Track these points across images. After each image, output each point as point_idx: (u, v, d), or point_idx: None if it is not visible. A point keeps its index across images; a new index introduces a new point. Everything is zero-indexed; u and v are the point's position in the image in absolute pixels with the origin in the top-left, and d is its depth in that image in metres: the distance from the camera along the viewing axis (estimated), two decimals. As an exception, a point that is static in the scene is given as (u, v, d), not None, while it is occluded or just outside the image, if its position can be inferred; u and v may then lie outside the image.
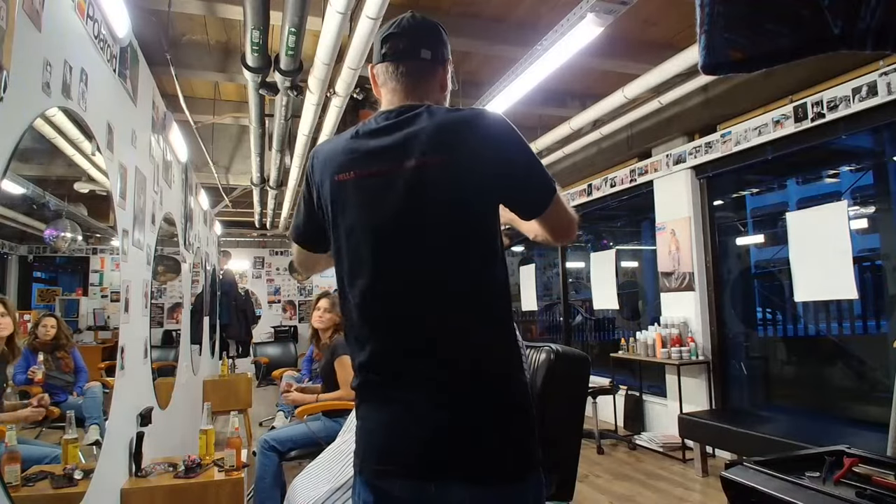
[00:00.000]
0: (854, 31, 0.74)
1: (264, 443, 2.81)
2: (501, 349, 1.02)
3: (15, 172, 1.37)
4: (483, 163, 1.00)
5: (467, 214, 1.01)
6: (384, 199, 1.02)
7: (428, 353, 0.99)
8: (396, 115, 1.07)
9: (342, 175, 1.05)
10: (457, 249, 1.01)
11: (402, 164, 1.01)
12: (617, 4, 2.25)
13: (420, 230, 1.01)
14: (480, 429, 0.97)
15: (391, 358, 1.02)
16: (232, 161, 5.59)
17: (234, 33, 3.54)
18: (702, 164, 4.51)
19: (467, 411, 0.97)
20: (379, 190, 1.03)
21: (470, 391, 0.98)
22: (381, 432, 1.00)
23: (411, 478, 0.98)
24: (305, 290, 10.77)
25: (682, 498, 3.55)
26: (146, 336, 2.66)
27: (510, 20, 3.43)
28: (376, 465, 1.00)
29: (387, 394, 1.01)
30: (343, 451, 1.58)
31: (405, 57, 1.10)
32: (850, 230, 3.38)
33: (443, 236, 1.01)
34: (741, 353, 4.69)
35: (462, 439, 0.97)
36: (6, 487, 1.32)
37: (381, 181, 1.03)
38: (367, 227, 1.03)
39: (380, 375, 1.02)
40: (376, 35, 1.16)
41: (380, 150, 1.04)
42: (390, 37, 1.10)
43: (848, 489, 1.47)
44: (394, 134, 1.05)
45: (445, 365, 0.99)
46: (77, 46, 1.70)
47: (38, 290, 2.29)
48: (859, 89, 3.28)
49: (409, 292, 1.01)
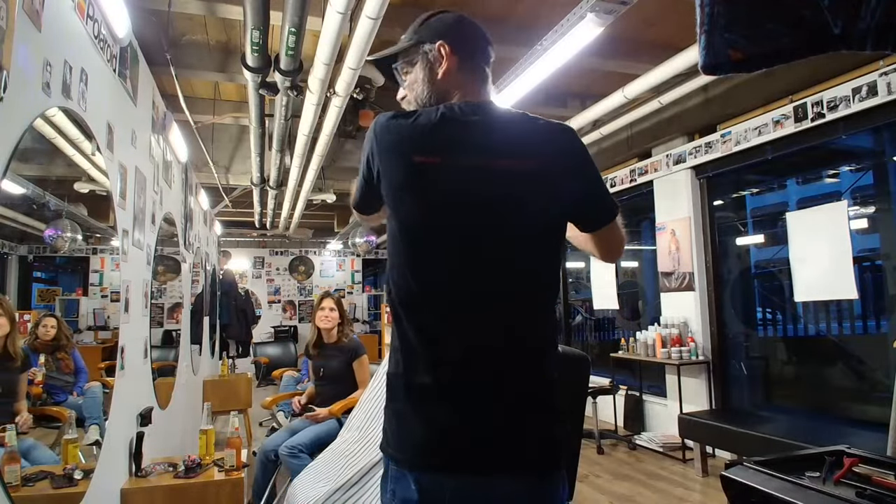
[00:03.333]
0: (854, 31, 0.74)
1: (292, 448, 2.75)
2: (555, 353, 1.08)
3: (15, 172, 1.37)
4: (569, 172, 1.07)
5: (550, 218, 1.06)
6: (473, 193, 1.02)
7: (500, 351, 1.01)
8: (483, 111, 1.09)
9: (423, 157, 1.03)
10: (540, 252, 1.06)
11: (494, 161, 1.03)
12: (617, 4, 2.25)
13: (507, 229, 1.03)
14: (535, 425, 1.01)
15: (464, 352, 1.01)
16: (232, 161, 5.59)
17: (234, 33, 3.54)
18: (702, 164, 4.51)
19: (524, 409, 1.01)
20: (468, 183, 1.03)
21: (529, 391, 1.02)
22: (433, 427, 1.00)
23: (462, 472, 0.98)
24: (305, 290, 10.78)
25: (682, 498, 3.55)
26: (146, 336, 2.66)
27: (510, 20, 3.43)
28: (425, 459, 0.99)
29: (445, 388, 1.00)
30: (342, 452, 1.58)
31: (490, 62, 1.20)
32: (850, 230, 3.38)
33: (529, 236, 1.05)
34: (741, 353, 4.69)
35: (516, 435, 1.00)
36: (6, 487, 1.32)
37: (471, 174, 1.03)
38: (453, 219, 1.03)
39: (445, 369, 1.01)
40: (469, 24, 1.19)
41: (471, 142, 1.05)
42: (488, 39, 1.18)
43: (848, 489, 1.47)
44: (484, 129, 1.07)
45: (512, 363, 1.01)
46: (77, 46, 1.70)
47: (38, 290, 2.29)
48: (859, 89, 3.27)
49: (490, 290, 1.02)
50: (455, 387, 1.00)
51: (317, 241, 10.63)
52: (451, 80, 1.13)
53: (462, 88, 1.13)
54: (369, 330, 10.78)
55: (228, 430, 2.66)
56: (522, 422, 1.00)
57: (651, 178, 4.99)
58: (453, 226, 1.03)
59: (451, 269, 1.02)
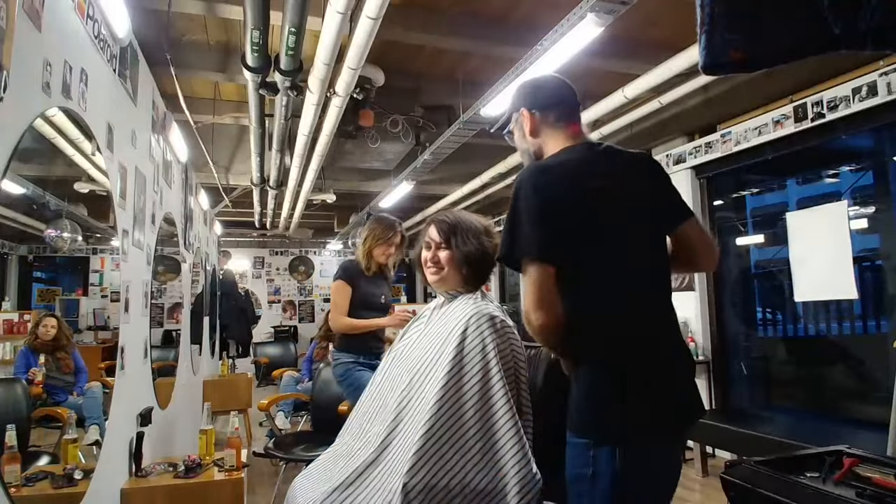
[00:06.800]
0: (854, 31, 0.74)
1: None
2: None
3: (15, 172, 1.37)
4: (669, 190, 1.43)
5: (665, 228, 1.41)
6: (628, 212, 1.32)
7: (672, 343, 1.36)
8: (598, 146, 1.42)
9: (597, 184, 1.30)
10: (666, 258, 1.42)
11: (629, 186, 1.34)
12: (617, 4, 2.25)
13: (652, 243, 1.37)
14: (698, 399, 1.35)
15: (655, 346, 1.30)
16: (232, 161, 5.58)
17: (234, 33, 3.54)
18: (702, 164, 4.50)
19: (694, 386, 1.36)
20: (624, 203, 1.32)
21: (692, 373, 1.39)
22: (658, 404, 1.25)
23: (666, 444, 1.29)
24: (305, 290, 10.78)
25: (682, 498, 3.55)
26: (146, 336, 2.66)
27: (510, 20, 3.43)
28: (641, 435, 1.22)
29: (650, 374, 1.26)
30: (341, 454, 1.58)
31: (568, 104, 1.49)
32: (850, 230, 3.38)
33: (663, 247, 1.40)
34: (741, 353, 4.69)
35: (691, 410, 1.34)
36: (6, 487, 1.32)
37: (624, 198, 1.33)
38: (625, 235, 1.31)
39: (647, 359, 1.27)
40: (543, 85, 1.52)
41: (613, 171, 1.35)
42: (564, 89, 1.48)
43: (848, 489, 1.48)
44: (612, 160, 1.39)
45: (678, 354, 1.36)
46: (77, 46, 1.70)
47: (38, 290, 2.29)
48: (859, 89, 3.27)
49: (659, 293, 1.36)
50: (652, 378, 1.29)
51: (317, 241, 10.63)
52: (540, 135, 1.44)
53: (553, 138, 1.42)
54: (369, 330, 10.76)
55: (228, 430, 2.66)
56: (694, 400, 1.38)
57: (651, 178, 4.98)
58: (626, 247, 1.35)
59: (639, 285, 1.35)
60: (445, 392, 1.36)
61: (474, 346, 1.42)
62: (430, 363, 1.45)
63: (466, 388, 1.37)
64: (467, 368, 1.39)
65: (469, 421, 1.34)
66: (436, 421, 1.33)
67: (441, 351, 1.45)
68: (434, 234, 1.63)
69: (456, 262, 1.60)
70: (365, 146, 4.83)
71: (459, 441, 1.33)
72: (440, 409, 1.34)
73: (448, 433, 1.33)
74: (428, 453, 1.30)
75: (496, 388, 1.37)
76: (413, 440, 1.33)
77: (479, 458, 1.32)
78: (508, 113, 1.52)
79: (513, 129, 1.50)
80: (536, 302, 1.21)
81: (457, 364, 1.39)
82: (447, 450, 1.32)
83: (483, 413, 1.35)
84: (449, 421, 1.34)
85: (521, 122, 1.46)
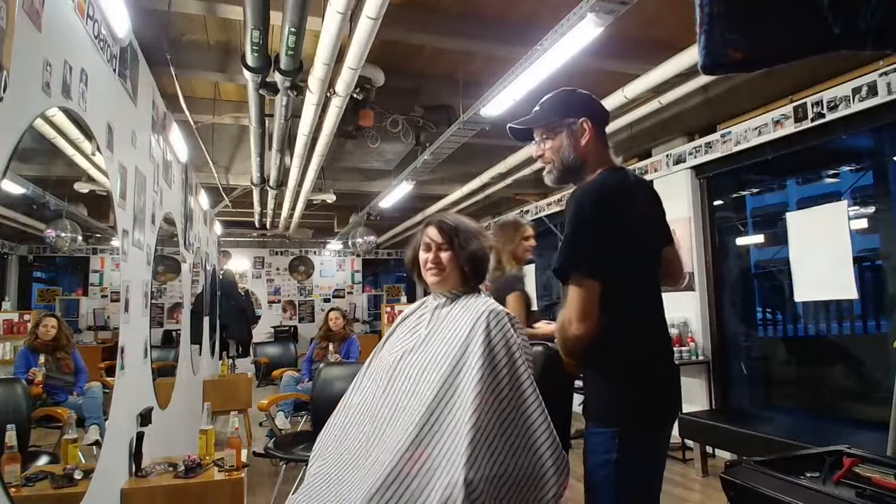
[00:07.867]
0: (854, 31, 0.74)
1: None
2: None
3: (15, 172, 1.37)
4: (664, 216, 1.64)
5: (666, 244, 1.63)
6: (654, 236, 1.56)
7: (672, 346, 1.72)
8: (630, 172, 1.59)
9: (639, 209, 1.49)
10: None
11: (654, 212, 1.59)
12: (617, 4, 2.25)
13: (658, 261, 1.58)
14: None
15: (667, 349, 1.61)
16: (232, 161, 5.58)
17: (234, 33, 3.54)
18: (702, 164, 4.50)
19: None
20: (652, 228, 1.56)
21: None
22: (667, 394, 1.53)
23: (668, 428, 1.53)
24: (305, 290, 10.78)
25: (682, 498, 3.55)
26: (146, 336, 2.66)
27: (510, 20, 3.43)
28: (656, 423, 1.47)
29: (662, 369, 1.51)
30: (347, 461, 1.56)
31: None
32: (850, 230, 3.38)
33: (660, 263, 1.59)
34: (741, 353, 4.68)
35: (680, 399, 1.76)
36: (6, 487, 1.32)
37: (652, 223, 1.57)
38: (650, 256, 1.54)
39: (662, 360, 1.54)
40: (596, 102, 1.62)
41: (648, 199, 1.59)
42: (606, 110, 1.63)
43: (848, 489, 1.48)
44: (645, 189, 1.64)
45: (672, 354, 1.71)
46: (77, 46, 1.70)
47: (38, 290, 2.29)
48: (859, 89, 3.27)
49: (661, 303, 1.56)
50: (663, 371, 1.55)
51: (317, 241, 10.63)
52: (589, 148, 1.52)
53: (598, 155, 1.53)
54: (369, 330, 10.78)
55: (228, 430, 2.66)
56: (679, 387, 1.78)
57: (651, 178, 4.98)
58: (650, 263, 1.58)
59: (656, 294, 1.58)
60: (483, 385, 1.40)
61: (499, 339, 1.47)
62: (456, 358, 1.47)
63: (500, 378, 1.43)
64: (497, 360, 1.45)
65: (506, 410, 1.42)
66: (480, 414, 1.37)
67: (465, 346, 1.47)
68: (435, 235, 1.63)
69: (459, 262, 1.61)
70: (365, 146, 4.83)
71: (501, 430, 1.40)
72: (482, 402, 1.39)
73: (491, 424, 1.39)
74: (479, 445, 1.35)
75: (524, 378, 1.45)
76: (462, 433, 1.36)
77: (519, 445, 1.41)
78: (553, 117, 1.54)
79: (555, 132, 1.53)
80: (581, 314, 1.36)
81: (488, 357, 1.44)
82: (493, 439, 1.38)
83: (517, 402, 1.43)
84: (490, 412, 1.40)
85: (578, 131, 1.51)
